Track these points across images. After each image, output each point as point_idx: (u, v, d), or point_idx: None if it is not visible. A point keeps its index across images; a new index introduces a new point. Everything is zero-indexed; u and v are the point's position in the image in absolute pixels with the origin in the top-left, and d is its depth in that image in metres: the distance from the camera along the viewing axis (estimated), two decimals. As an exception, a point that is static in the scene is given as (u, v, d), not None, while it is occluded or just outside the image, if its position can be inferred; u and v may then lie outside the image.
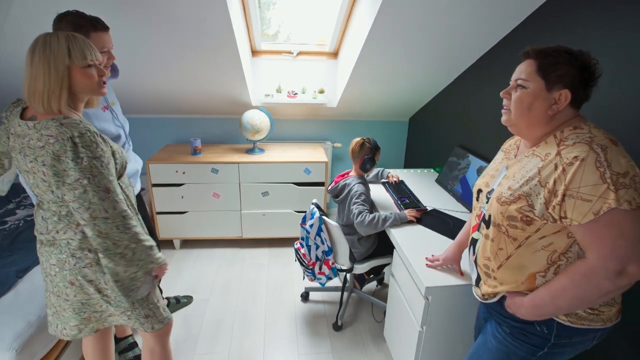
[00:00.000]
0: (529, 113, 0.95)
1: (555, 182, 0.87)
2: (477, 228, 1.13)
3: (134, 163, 1.73)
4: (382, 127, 3.25)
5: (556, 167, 0.88)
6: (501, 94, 1.02)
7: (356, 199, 1.88)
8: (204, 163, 2.61)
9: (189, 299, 2.29)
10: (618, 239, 0.82)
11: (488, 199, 1.08)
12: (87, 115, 1.41)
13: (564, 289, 0.90)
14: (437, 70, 2.39)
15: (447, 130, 2.65)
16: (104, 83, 1.15)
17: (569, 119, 0.94)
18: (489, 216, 1.04)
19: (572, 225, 0.87)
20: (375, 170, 2.37)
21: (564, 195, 0.85)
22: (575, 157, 0.85)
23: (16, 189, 2.69)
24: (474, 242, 1.15)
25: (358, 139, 1.98)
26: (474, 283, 1.17)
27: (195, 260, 2.72)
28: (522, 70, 0.96)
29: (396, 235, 1.74)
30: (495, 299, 1.08)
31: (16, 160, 1.12)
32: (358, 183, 1.95)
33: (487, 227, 1.06)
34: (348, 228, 1.98)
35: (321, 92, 2.81)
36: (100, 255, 1.11)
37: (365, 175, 2.09)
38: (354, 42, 2.24)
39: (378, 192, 2.23)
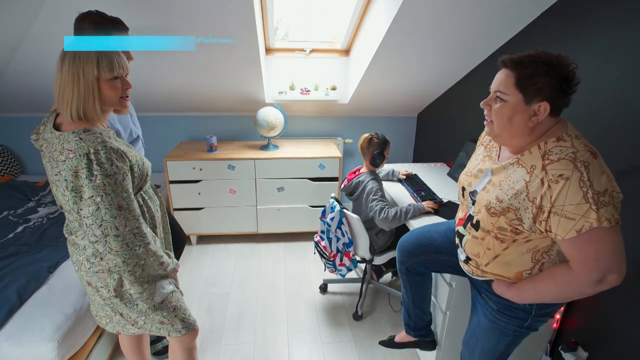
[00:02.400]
0: (511, 126, 0.98)
1: (542, 198, 0.92)
2: (463, 223, 1.21)
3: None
4: (391, 122, 3.31)
5: (542, 183, 0.93)
6: (481, 104, 1.04)
7: (373, 195, 1.93)
8: (221, 160, 2.66)
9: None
10: (599, 252, 0.90)
11: (473, 200, 1.13)
12: (111, 118, 1.44)
13: (549, 291, 1.02)
14: (449, 66, 2.45)
15: (457, 125, 2.71)
16: (127, 97, 1.13)
17: (551, 126, 0.97)
18: (477, 221, 1.10)
19: (558, 239, 0.94)
20: (385, 170, 2.41)
21: (549, 212, 0.91)
22: (561, 175, 0.90)
23: (34, 188, 2.73)
24: (460, 235, 1.23)
25: (366, 135, 2.03)
26: (462, 259, 1.26)
27: (213, 255, 2.78)
28: (501, 82, 0.97)
29: (417, 227, 1.79)
30: (482, 279, 1.20)
31: (46, 168, 1.12)
32: (371, 179, 2.00)
33: (476, 230, 1.12)
34: (365, 224, 2.03)
35: (333, 89, 2.86)
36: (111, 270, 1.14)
37: (377, 170, 2.14)
38: (369, 40, 2.29)
39: (393, 186, 2.29)
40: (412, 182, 2.27)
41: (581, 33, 1.61)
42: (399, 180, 2.36)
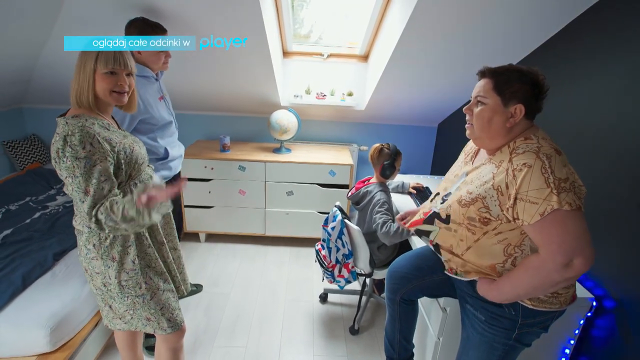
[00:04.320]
0: (490, 127, 1.06)
1: (507, 185, 0.99)
2: (423, 222, 1.23)
3: (179, 148, 1.96)
4: (409, 131, 3.21)
5: (507, 172, 0.99)
6: (464, 109, 1.15)
7: (379, 207, 1.86)
8: (232, 160, 2.67)
9: (198, 287, 2.37)
10: (563, 235, 0.93)
11: (444, 200, 1.19)
12: (147, 102, 1.60)
13: (521, 280, 1.03)
14: (469, 76, 2.33)
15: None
16: (119, 93, 1.17)
17: (524, 130, 1.05)
18: (447, 216, 1.15)
19: (524, 225, 0.98)
20: (395, 182, 2.33)
21: (515, 199, 0.97)
22: (524, 163, 0.96)
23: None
24: (427, 233, 1.25)
25: (377, 145, 1.96)
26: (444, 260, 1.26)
27: (219, 254, 2.80)
28: (481, 88, 1.08)
29: (418, 245, 1.72)
30: (465, 279, 1.20)
31: None
32: (380, 191, 1.93)
33: (447, 224, 1.16)
34: (368, 236, 1.96)
35: (350, 94, 2.81)
36: None
37: (387, 182, 2.06)
38: (385, 46, 2.23)
39: (402, 199, 2.21)
40: (421, 196, 2.18)
41: (609, 48, 1.48)
42: (409, 194, 2.28)
